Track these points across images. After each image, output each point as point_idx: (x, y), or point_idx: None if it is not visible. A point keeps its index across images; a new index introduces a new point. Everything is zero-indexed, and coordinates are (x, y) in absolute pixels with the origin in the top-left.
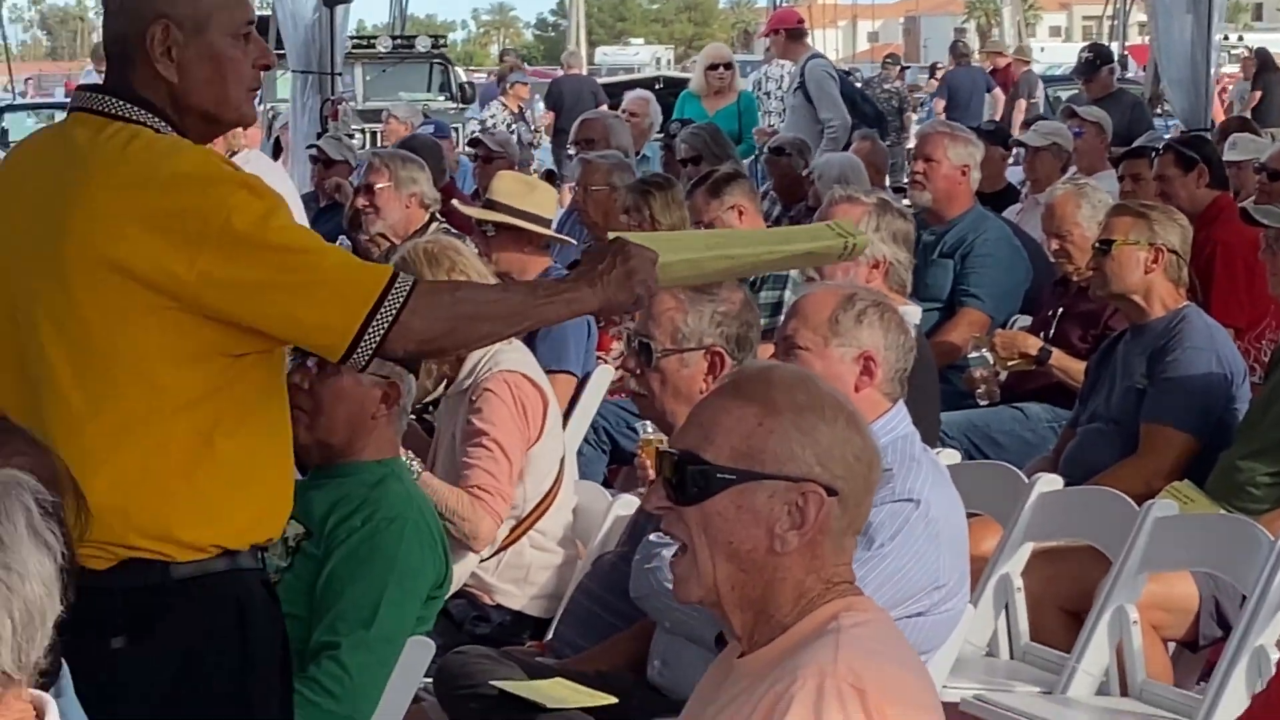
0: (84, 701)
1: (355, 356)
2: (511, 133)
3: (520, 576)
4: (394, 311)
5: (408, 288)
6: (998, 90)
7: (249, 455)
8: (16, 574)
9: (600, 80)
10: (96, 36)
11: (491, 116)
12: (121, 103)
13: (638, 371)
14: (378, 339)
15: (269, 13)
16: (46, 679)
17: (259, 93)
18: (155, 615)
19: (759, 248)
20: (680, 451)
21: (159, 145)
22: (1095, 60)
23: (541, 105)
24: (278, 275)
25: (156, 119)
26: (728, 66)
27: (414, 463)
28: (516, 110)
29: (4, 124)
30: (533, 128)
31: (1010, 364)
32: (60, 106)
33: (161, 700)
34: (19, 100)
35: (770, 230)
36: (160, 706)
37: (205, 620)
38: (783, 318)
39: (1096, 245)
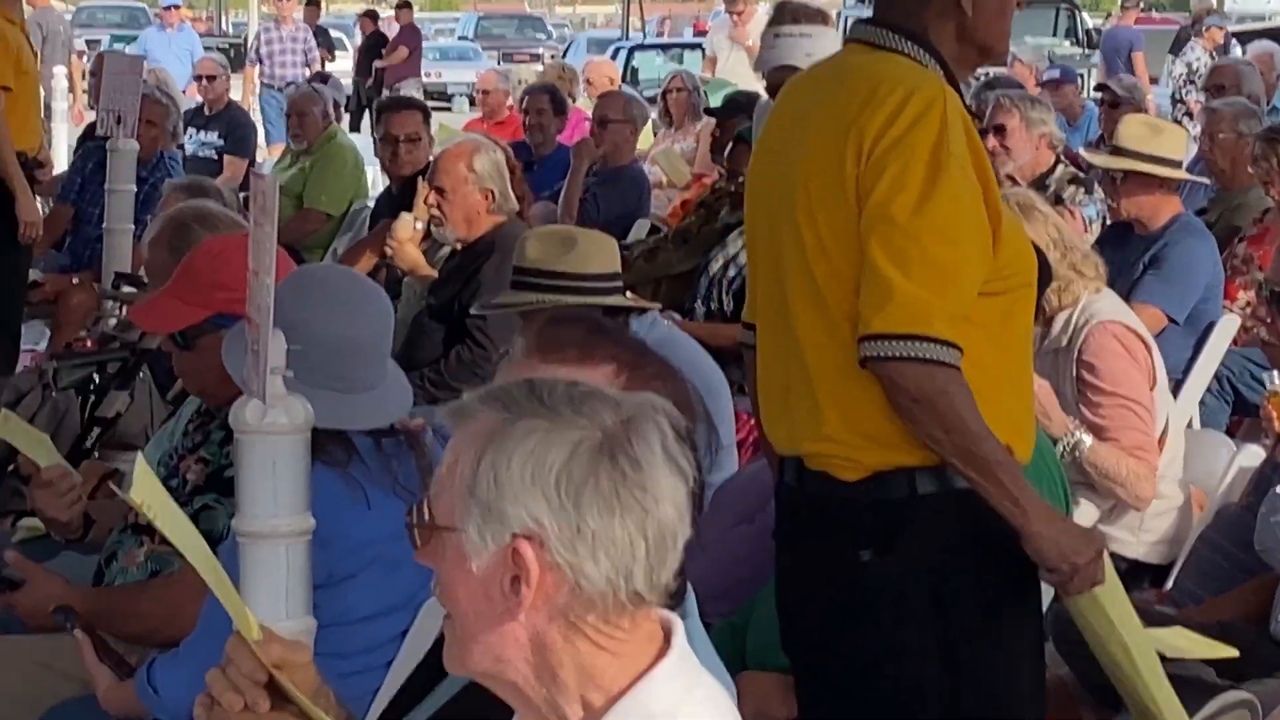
0: (828, 609)
1: (860, 358)
2: None
3: (1135, 524)
4: (899, 354)
5: (927, 355)
6: None
7: (982, 373)
8: (651, 496)
9: (1230, 28)
10: None
11: (1197, 59)
12: (888, 33)
13: (1268, 321)
14: (875, 361)
15: None
16: (674, 601)
17: None
18: (900, 530)
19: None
20: None
21: (903, 77)
22: None
23: (1238, 50)
24: (878, 251)
25: (922, 51)
26: None
27: (1080, 432)
28: (1211, 51)
29: (634, 63)
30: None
31: None
32: (688, 46)
33: (905, 618)
34: (650, 40)
35: None
36: (902, 624)
37: (950, 541)
38: None
39: None
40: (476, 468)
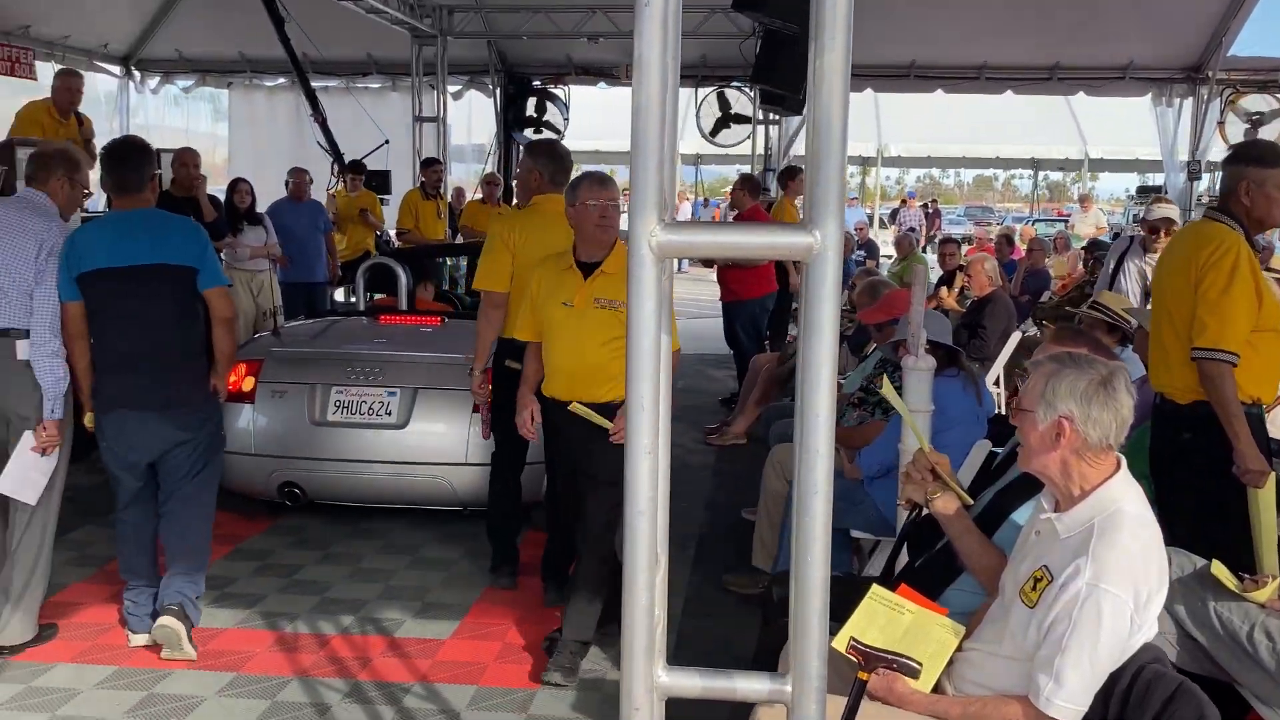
0: (1172, 455)
1: (1190, 356)
2: None
3: None
4: (1206, 356)
5: (1218, 358)
6: None
7: (1253, 362)
8: (1119, 404)
9: None
10: None
11: None
12: (1217, 213)
13: None
14: (1197, 359)
15: None
16: (1120, 448)
17: None
18: (1200, 426)
19: None
20: None
21: (1221, 233)
22: None
23: None
24: (1202, 310)
25: (1232, 220)
26: None
27: None
28: None
29: (1036, 226)
30: None
31: None
32: (1065, 219)
33: (1198, 459)
34: (1040, 217)
35: None
36: (1197, 462)
37: (1217, 434)
38: None
39: None
40: (1044, 386)
